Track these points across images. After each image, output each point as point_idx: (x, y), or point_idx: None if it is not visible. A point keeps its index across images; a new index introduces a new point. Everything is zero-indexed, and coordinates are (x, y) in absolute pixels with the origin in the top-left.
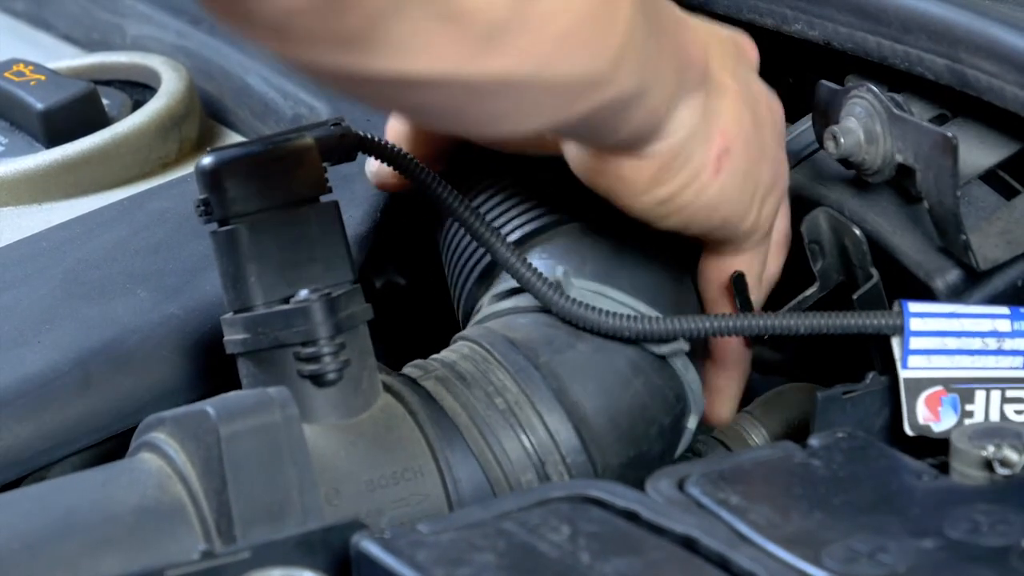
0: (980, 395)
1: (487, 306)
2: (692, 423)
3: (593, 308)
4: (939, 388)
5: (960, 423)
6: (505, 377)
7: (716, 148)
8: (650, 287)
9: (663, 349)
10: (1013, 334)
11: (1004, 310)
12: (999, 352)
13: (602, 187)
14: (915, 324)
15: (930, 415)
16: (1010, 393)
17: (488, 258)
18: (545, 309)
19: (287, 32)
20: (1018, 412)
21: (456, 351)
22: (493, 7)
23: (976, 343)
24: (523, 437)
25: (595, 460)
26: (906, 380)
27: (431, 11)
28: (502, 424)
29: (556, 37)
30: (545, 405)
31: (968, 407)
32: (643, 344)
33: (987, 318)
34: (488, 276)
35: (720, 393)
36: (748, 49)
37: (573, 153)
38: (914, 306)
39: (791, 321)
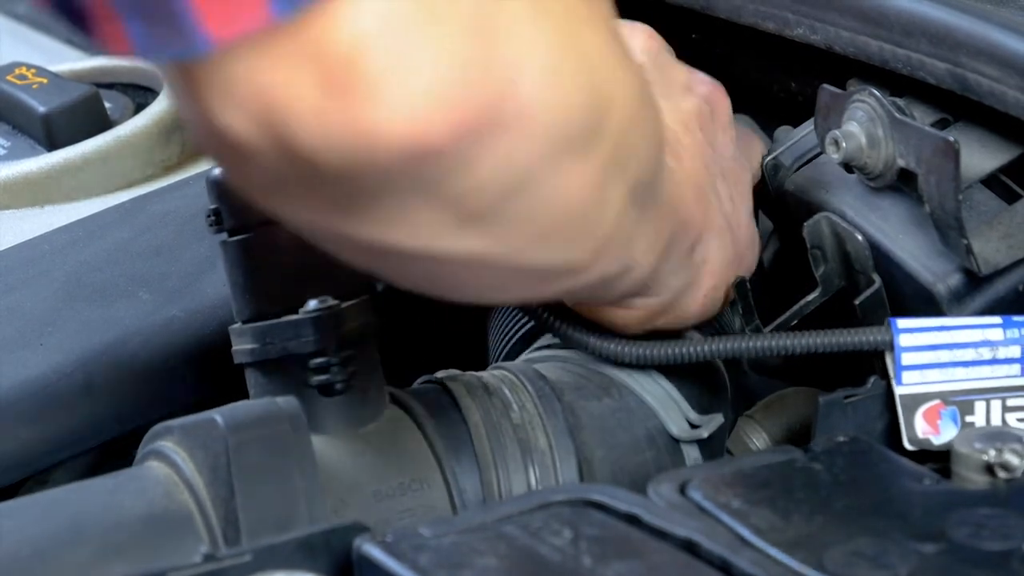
0: (980, 406)
1: (525, 355)
2: None
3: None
4: (937, 402)
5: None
6: (527, 399)
7: (704, 290)
8: (684, 370)
9: (683, 434)
10: (1006, 342)
11: (995, 319)
12: (994, 361)
13: (589, 316)
14: (905, 340)
15: (929, 429)
16: (1011, 402)
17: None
18: (579, 361)
19: (278, 197)
20: (1020, 420)
21: (487, 372)
22: (475, 200)
23: (969, 354)
24: (527, 453)
25: None
26: (902, 396)
27: (415, 196)
28: (511, 435)
29: (535, 233)
30: (556, 432)
31: (968, 418)
32: (665, 423)
33: (978, 328)
34: (533, 334)
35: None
36: (752, 154)
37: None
38: (903, 322)
39: (783, 342)
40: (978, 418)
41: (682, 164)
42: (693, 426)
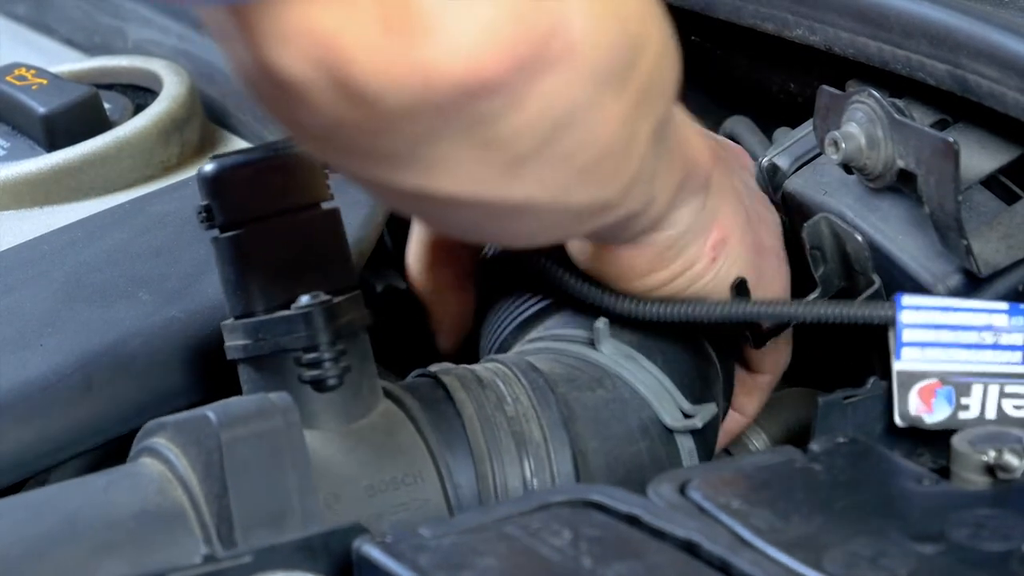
0: (977, 389)
1: (518, 347)
2: None
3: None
4: (934, 381)
5: (954, 416)
6: (520, 391)
7: (712, 240)
8: (678, 360)
9: (676, 424)
10: (1010, 329)
11: (1002, 305)
12: (996, 347)
13: (598, 272)
14: (907, 316)
15: (923, 406)
16: (1009, 388)
17: (530, 311)
18: (572, 353)
19: (329, 143)
20: (1017, 408)
21: (480, 365)
22: (523, 140)
23: (972, 337)
24: (522, 446)
25: None
26: (899, 372)
27: (465, 139)
28: (505, 428)
29: (576, 171)
30: (550, 424)
31: (964, 400)
32: (658, 413)
33: (983, 312)
34: (526, 327)
35: (749, 394)
36: (743, 157)
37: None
38: (908, 299)
39: (786, 309)
40: (974, 401)
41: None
42: (686, 416)
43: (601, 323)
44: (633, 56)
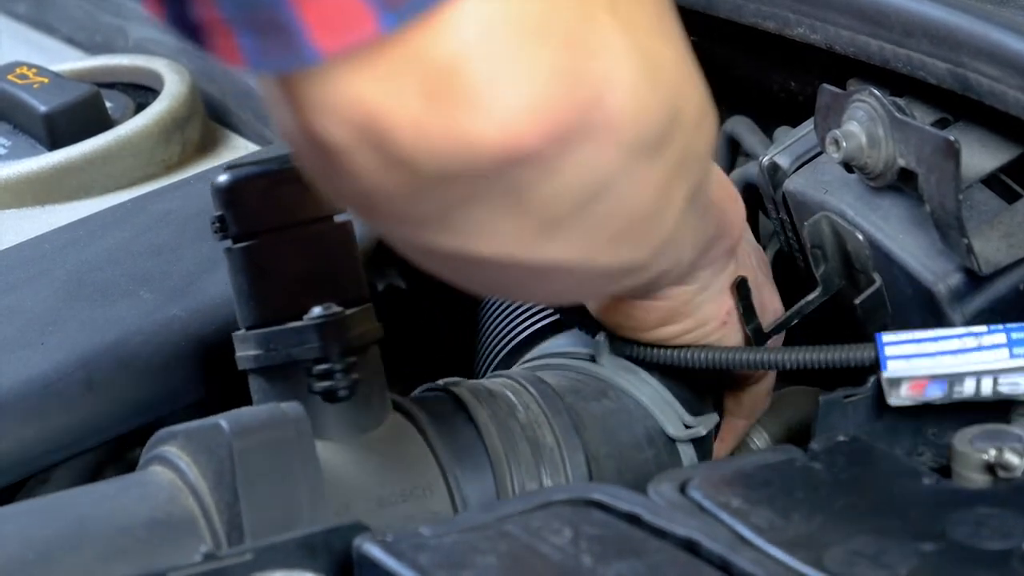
0: (970, 381)
1: (516, 367)
2: None
3: None
4: (923, 380)
5: (949, 396)
6: (530, 400)
7: (727, 305)
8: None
9: (675, 433)
10: (991, 331)
11: (980, 328)
12: (980, 348)
13: (609, 321)
14: (888, 337)
15: (915, 393)
16: (1003, 379)
17: (527, 331)
18: (574, 367)
19: (369, 206)
20: (1012, 388)
21: (486, 379)
22: (557, 206)
23: (954, 344)
24: (537, 451)
25: None
26: (888, 379)
27: (501, 204)
28: (520, 434)
29: (609, 235)
30: (563, 429)
31: (957, 388)
32: (661, 424)
33: (962, 329)
34: (523, 348)
35: (722, 440)
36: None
37: None
38: (888, 335)
39: (771, 357)
40: (967, 388)
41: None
42: (687, 427)
43: (602, 337)
44: (671, 125)
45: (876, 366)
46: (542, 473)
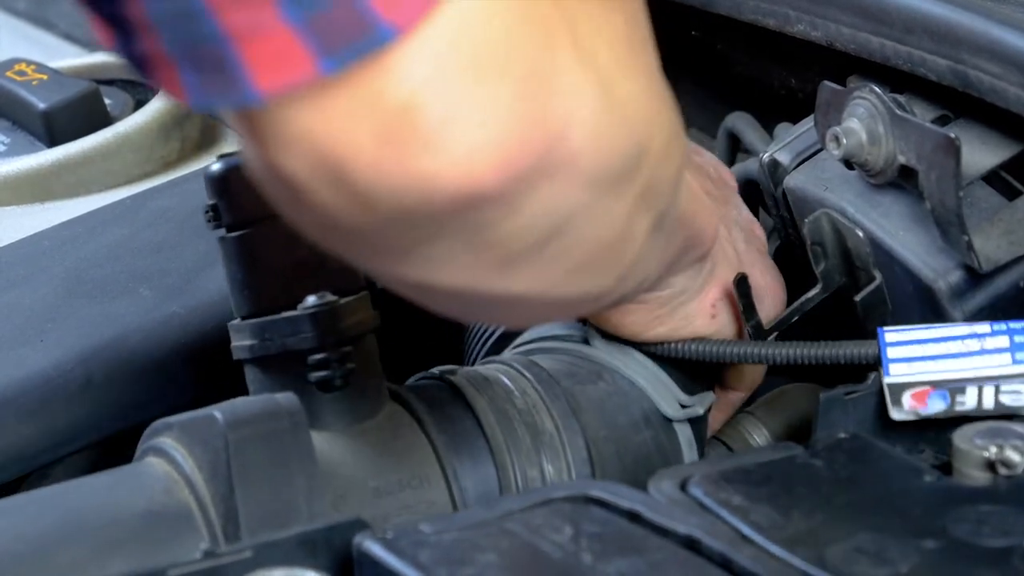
0: (972, 389)
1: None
2: None
3: None
4: (926, 387)
5: (951, 409)
6: (526, 385)
7: (711, 297)
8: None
9: (672, 413)
10: (993, 333)
11: (983, 326)
12: (983, 352)
13: (606, 326)
14: (890, 336)
15: (917, 404)
16: (1005, 387)
17: None
18: (567, 350)
19: (333, 236)
20: (1014, 399)
21: (480, 366)
22: (518, 242)
23: (956, 346)
24: (536, 437)
25: (596, 478)
26: (890, 385)
27: (460, 241)
28: (518, 419)
29: (571, 268)
30: (561, 414)
31: (959, 398)
32: (658, 404)
33: (965, 326)
34: (514, 332)
35: (719, 410)
36: (728, 177)
37: None
38: (890, 331)
39: (775, 352)
40: (969, 399)
41: (693, 182)
42: (683, 407)
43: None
44: (636, 159)
45: (878, 363)
46: (542, 459)
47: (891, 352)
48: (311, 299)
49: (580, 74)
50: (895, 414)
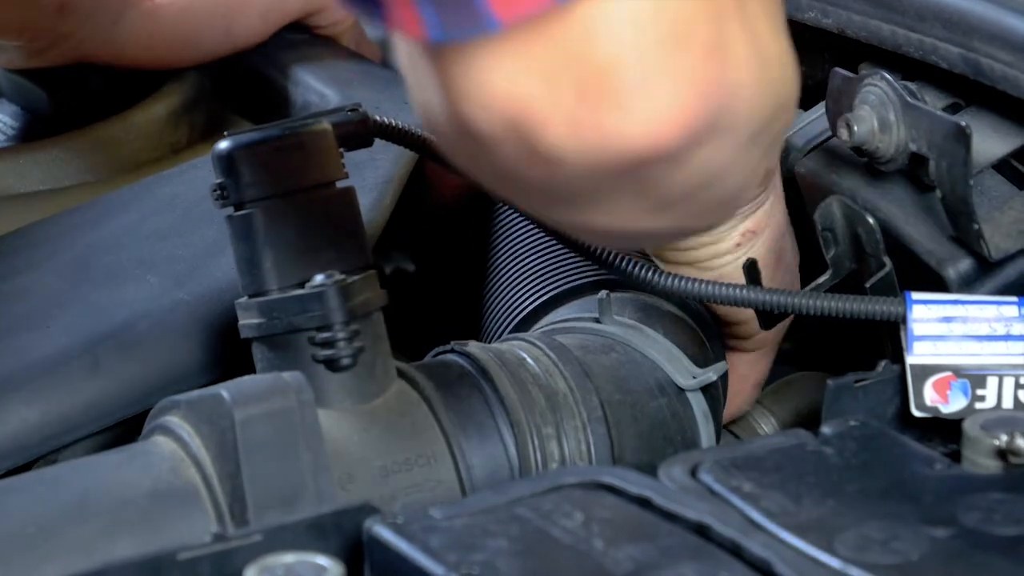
0: (992, 381)
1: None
2: None
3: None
4: (948, 374)
5: (971, 406)
6: (539, 353)
7: (744, 228)
8: (678, 331)
9: (685, 382)
10: (1021, 318)
11: (1011, 299)
12: (1008, 337)
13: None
14: (918, 312)
15: (938, 398)
16: None
17: (534, 303)
18: (579, 328)
19: (502, 182)
20: None
21: (494, 343)
22: (676, 191)
23: (983, 328)
24: (551, 398)
25: (612, 438)
26: (912, 366)
27: (628, 191)
28: (532, 382)
29: (706, 209)
30: (574, 376)
31: (980, 392)
32: (671, 375)
33: (993, 304)
34: (527, 322)
35: (743, 380)
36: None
37: None
38: (918, 295)
39: (798, 300)
40: (990, 392)
41: None
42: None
43: (604, 294)
44: (777, 114)
45: (902, 322)
46: (558, 418)
47: (916, 328)
48: (319, 277)
49: (745, 42)
50: (916, 412)
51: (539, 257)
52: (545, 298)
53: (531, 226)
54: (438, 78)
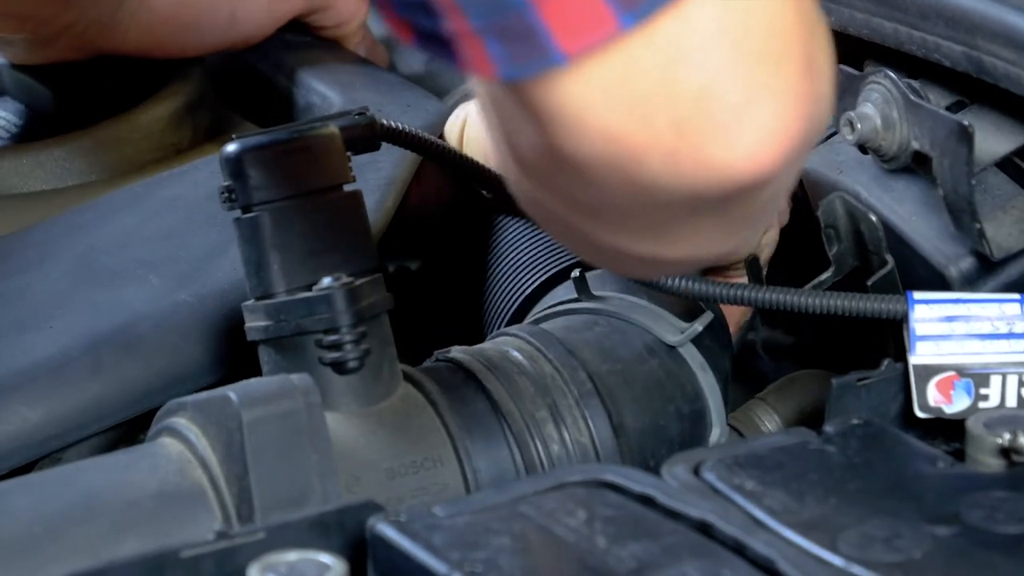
0: (995, 380)
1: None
2: (714, 436)
3: None
4: (951, 373)
5: (974, 406)
6: (523, 344)
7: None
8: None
9: (674, 339)
10: (1023, 315)
11: (1014, 296)
12: (1011, 335)
13: None
14: (920, 311)
15: (942, 398)
16: None
17: (522, 296)
18: (561, 310)
19: (584, 211)
20: None
21: (488, 341)
22: (754, 211)
23: (985, 327)
24: (537, 381)
25: (608, 409)
26: (915, 367)
27: (712, 218)
28: (516, 372)
29: (758, 224)
30: (558, 356)
31: (983, 391)
32: (659, 335)
33: (995, 302)
34: (523, 311)
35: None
36: None
37: None
38: (919, 295)
39: (800, 298)
40: (993, 391)
41: None
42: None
43: (576, 273)
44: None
45: (904, 320)
46: (551, 402)
47: (919, 328)
48: (326, 280)
49: (822, 50)
50: (920, 413)
51: (523, 250)
52: (531, 289)
53: (515, 221)
54: (529, 113)
